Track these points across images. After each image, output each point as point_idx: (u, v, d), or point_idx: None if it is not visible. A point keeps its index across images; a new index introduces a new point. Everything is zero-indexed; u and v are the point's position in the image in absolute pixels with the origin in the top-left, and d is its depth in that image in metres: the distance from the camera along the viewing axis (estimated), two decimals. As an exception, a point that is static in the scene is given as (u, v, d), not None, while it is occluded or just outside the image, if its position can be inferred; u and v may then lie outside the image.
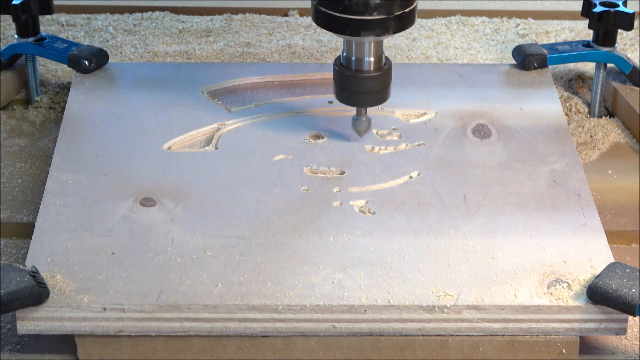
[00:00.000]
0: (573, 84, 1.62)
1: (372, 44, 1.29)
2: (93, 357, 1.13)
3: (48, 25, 1.75)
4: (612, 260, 1.17)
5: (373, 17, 1.24)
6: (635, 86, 1.54)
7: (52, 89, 1.57)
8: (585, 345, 1.16)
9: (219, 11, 1.80)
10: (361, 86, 1.31)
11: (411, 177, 1.30)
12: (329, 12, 1.25)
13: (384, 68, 1.31)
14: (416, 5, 1.27)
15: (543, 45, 1.54)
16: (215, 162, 1.32)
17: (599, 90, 1.54)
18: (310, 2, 1.28)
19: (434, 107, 1.43)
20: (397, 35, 1.27)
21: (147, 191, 1.27)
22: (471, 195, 1.27)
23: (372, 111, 1.42)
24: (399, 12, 1.25)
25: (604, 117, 1.55)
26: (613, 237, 1.31)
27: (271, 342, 1.13)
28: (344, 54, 1.30)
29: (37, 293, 1.10)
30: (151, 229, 1.21)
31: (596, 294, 1.11)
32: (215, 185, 1.28)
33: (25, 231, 1.29)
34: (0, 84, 1.53)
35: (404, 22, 1.26)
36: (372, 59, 1.30)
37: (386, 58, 1.31)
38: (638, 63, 1.61)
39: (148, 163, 1.32)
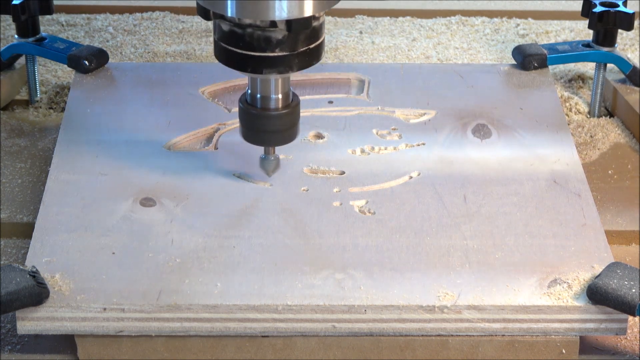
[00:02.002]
0: (573, 84, 1.62)
1: (279, 80, 1.21)
2: (93, 357, 1.13)
3: (48, 25, 1.75)
4: (612, 260, 1.17)
5: (275, 54, 1.16)
6: (635, 86, 1.54)
7: (52, 89, 1.58)
8: (585, 345, 1.16)
9: (219, 11, 1.80)
10: (268, 125, 1.23)
11: (411, 177, 1.30)
12: (229, 48, 1.18)
13: (292, 105, 1.23)
14: (323, 39, 1.19)
15: (543, 45, 1.54)
16: (215, 162, 1.32)
17: (599, 90, 1.54)
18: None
19: (434, 107, 1.43)
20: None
21: (147, 191, 1.27)
22: (471, 195, 1.27)
23: (372, 111, 1.42)
24: (304, 49, 1.17)
25: (604, 117, 1.55)
26: (613, 237, 1.31)
27: (271, 342, 1.13)
28: (249, 91, 1.23)
29: (37, 293, 1.10)
30: (151, 229, 1.21)
31: (596, 294, 1.11)
32: (215, 185, 1.28)
33: (25, 231, 1.29)
34: (0, 84, 1.54)
35: (309, 58, 1.18)
36: (279, 96, 1.22)
37: (294, 94, 1.24)
38: (638, 63, 1.61)
39: (148, 163, 1.32)
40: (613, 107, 1.55)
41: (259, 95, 1.22)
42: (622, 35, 1.74)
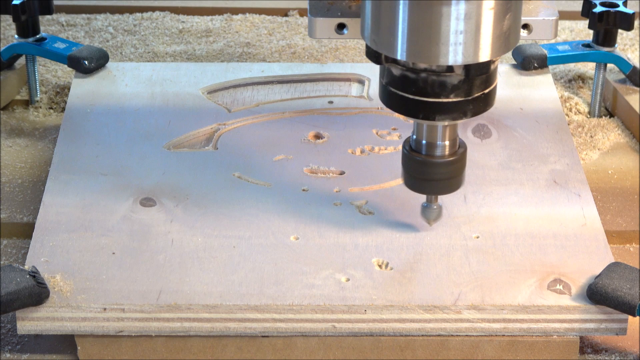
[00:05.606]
0: (573, 84, 1.62)
1: (447, 126, 1.14)
2: (93, 357, 1.13)
3: (48, 25, 1.75)
4: (612, 260, 1.17)
5: (450, 100, 1.09)
6: (635, 86, 1.54)
7: (52, 89, 1.57)
8: (585, 345, 1.16)
9: (219, 11, 1.80)
10: (432, 173, 1.16)
11: (411, 177, 1.30)
12: (400, 93, 1.11)
13: (459, 152, 1.16)
14: (496, 84, 1.12)
15: (543, 45, 1.54)
16: (215, 162, 1.32)
17: (599, 90, 1.54)
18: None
19: (434, 107, 1.43)
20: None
21: (147, 191, 1.27)
22: (471, 195, 1.27)
23: (372, 111, 1.42)
24: (478, 94, 1.10)
25: (604, 117, 1.55)
26: (613, 237, 1.31)
27: (271, 342, 1.13)
28: (414, 136, 1.16)
29: (37, 293, 1.10)
30: (151, 229, 1.21)
31: (596, 294, 1.11)
32: (215, 185, 1.28)
33: (25, 231, 1.29)
34: (0, 84, 1.54)
35: (483, 104, 1.11)
36: (445, 143, 1.15)
37: (461, 141, 1.17)
38: (638, 63, 1.61)
39: (148, 163, 1.32)
40: (613, 107, 1.55)
41: (424, 142, 1.16)
42: (622, 35, 1.73)
